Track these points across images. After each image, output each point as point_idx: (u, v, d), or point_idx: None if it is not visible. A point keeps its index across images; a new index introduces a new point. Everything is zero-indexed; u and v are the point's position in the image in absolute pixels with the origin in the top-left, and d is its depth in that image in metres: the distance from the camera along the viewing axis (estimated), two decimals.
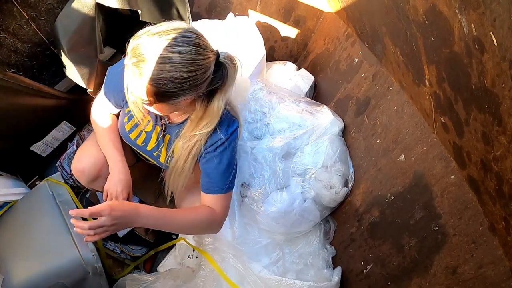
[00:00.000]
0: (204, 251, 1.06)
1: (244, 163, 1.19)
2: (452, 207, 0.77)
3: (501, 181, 0.60)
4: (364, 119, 1.13)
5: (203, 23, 1.36)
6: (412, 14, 0.73)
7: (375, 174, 1.04)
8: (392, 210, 0.95)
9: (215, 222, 0.89)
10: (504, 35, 0.48)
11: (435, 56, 0.70)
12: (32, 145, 1.22)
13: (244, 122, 1.26)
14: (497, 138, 0.57)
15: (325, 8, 1.51)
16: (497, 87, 0.53)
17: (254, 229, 1.18)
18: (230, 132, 0.85)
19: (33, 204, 1.05)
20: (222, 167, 0.86)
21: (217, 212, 0.88)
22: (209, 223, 0.88)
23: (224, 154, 0.85)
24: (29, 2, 1.02)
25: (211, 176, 0.87)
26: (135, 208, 0.76)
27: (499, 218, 0.64)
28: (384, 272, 0.96)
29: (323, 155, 1.13)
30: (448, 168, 0.79)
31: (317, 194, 1.13)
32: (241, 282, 0.98)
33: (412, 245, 0.87)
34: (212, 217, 0.87)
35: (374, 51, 1.12)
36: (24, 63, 1.10)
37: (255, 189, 1.14)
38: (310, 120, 1.19)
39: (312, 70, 1.55)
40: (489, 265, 0.68)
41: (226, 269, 1.00)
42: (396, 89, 1.00)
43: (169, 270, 1.13)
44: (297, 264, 1.14)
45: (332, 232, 1.22)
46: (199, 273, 1.03)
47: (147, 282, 1.05)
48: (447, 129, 0.75)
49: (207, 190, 0.88)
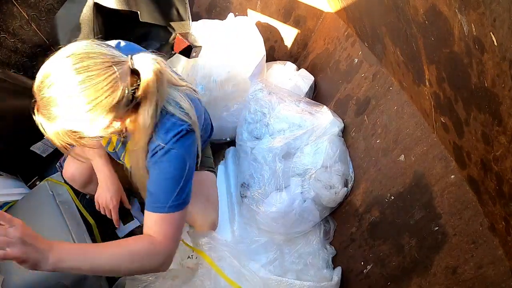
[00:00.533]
0: (200, 250, 1.06)
1: (244, 163, 1.19)
2: (452, 207, 0.77)
3: (501, 181, 0.60)
4: (364, 119, 1.13)
5: (203, 23, 1.36)
6: (412, 14, 0.73)
7: (375, 174, 1.04)
8: (392, 210, 0.95)
9: (156, 254, 0.69)
10: (504, 35, 0.48)
11: (435, 56, 0.70)
12: (32, 145, 1.22)
13: (244, 122, 1.26)
14: (497, 138, 0.57)
15: (325, 8, 1.51)
16: (497, 87, 0.53)
17: (254, 229, 1.18)
18: (171, 136, 0.70)
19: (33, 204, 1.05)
20: (162, 177, 0.70)
21: (158, 240, 0.69)
22: (147, 255, 0.68)
23: (164, 162, 0.70)
24: (29, 2, 1.02)
25: (150, 190, 0.72)
26: (49, 245, 0.61)
27: (499, 218, 0.64)
28: (384, 272, 0.96)
29: (323, 155, 1.13)
30: (448, 168, 0.79)
31: (316, 194, 1.13)
32: (238, 279, 0.98)
33: (412, 245, 0.87)
34: (150, 247, 0.69)
35: (374, 51, 1.12)
36: (24, 63, 1.10)
37: (255, 189, 1.14)
38: (310, 120, 1.19)
39: (312, 70, 1.55)
40: (489, 265, 0.68)
41: (223, 267, 1.00)
42: (396, 89, 0.99)
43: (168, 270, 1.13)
44: (297, 264, 1.14)
45: (332, 232, 1.22)
46: (197, 273, 1.03)
47: (146, 282, 1.05)
48: (447, 129, 0.75)
49: (147, 207, 0.72)
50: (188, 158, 0.72)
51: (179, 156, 0.70)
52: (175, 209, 0.71)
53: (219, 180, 1.32)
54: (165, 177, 0.70)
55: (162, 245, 0.70)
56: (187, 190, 0.73)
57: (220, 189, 1.30)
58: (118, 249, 0.68)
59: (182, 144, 0.71)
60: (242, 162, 1.21)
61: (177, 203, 0.71)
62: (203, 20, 1.39)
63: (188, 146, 0.72)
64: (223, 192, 1.30)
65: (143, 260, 0.69)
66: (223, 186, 1.31)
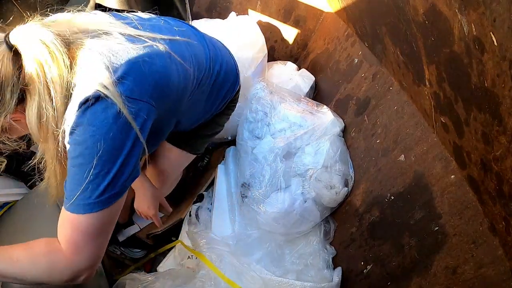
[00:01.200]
0: (199, 252, 1.06)
1: (245, 163, 1.19)
2: (452, 207, 0.77)
3: (501, 181, 0.60)
4: (364, 119, 1.13)
5: (205, 22, 1.36)
6: (412, 14, 0.73)
7: (375, 174, 1.04)
8: (392, 210, 0.95)
9: (57, 263, 0.55)
10: (504, 35, 0.48)
11: (435, 56, 0.70)
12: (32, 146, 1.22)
13: (245, 121, 1.26)
14: (497, 138, 0.57)
15: (325, 8, 1.51)
16: (497, 87, 0.53)
17: (254, 230, 1.18)
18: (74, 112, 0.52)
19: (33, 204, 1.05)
20: (69, 165, 0.54)
21: (59, 246, 0.55)
22: (48, 263, 0.56)
23: (70, 145, 0.53)
24: (29, 2, 1.02)
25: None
26: None
27: (499, 218, 0.64)
28: (384, 272, 0.96)
29: (324, 155, 1.13)
30: (448, 168, 0.79)
31: (317, 194, 1.13)
32: (238, 278, 0.98)
33: (412, 245, 0.87)
34: (50, 253, 0.55)
35: (374, 51, 1.12)
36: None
37: (256, 190, 1.14)
38: (311, 120, 1.19)
39: (312, 70, 1.55)
40: (489, 265, 0.68)
41: (223, 267, 1.00)
42: (396, 89, 0.99)
43: (168, 270, 1.13)
44: (298, 265, 1.14)
45: (332, 233, 1.22)
46: (198, 273, 1.03)
47: (146, 282, 1.05)
48: (447, 129, 0.75)
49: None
50: (101, 137, 0.51)
51: (85, 135, 0.51)
52: (78, 209, 0.53)
53: (219, 180, 1.32)
54: (71, 164, 0.53)
55: (62, 255, 0.55)
56: (105, 187, 0.53)
57: (221, 189, 1.30)
58: (21, 252, 0.56)
59: (90, 118, 0.51)
60: (243, 162, 1.21)
61: (82, 203, 0.53)
62: (205, 19, 1.39)
63: (101, 120, 0.51)
64: (224, 192, 1.30)
65: (45, 269, 0.56)
66: (223, 186, 1.31)
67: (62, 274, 0.56)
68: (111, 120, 0.52)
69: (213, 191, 1.31)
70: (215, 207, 1.26)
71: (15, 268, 0.55)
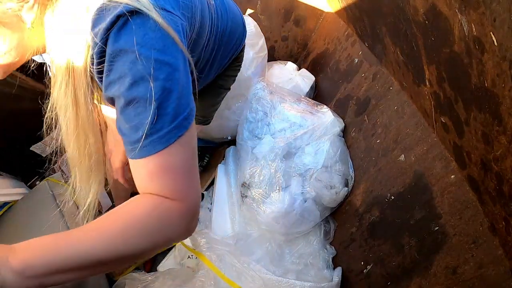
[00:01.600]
0: (199, 252, 1.06)
1: (245, 163, 1.19)
2: (452, 207, 0.77)
3: (501, 181, 0.60)
4: (364, 119, 1.13)
5: None
6: (412, 14, 0.73)
7: (375, 174, 1.04)
8: (392, 210, 0.95)
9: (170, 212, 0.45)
10: (504, 35, 0.48)
11: (435, 56, 0.70)
12: (32, 145, 1.22)
13: (245, 121, 1.26)
14: (497, 138, 0.57)
15: (325, 8, 1.51)
16: (497, 87, 0.53)
17: (254, 229, 1.18)
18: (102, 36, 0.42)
19: (33, 204, 1.05)
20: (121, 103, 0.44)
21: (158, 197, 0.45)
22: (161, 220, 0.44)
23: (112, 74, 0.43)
24: None
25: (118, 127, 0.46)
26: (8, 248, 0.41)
27: (499, 218, 0.64)
28: (384, 272, 0.96)
29: (324, 155, 1.13)
30: (448, 168, 0.79)
31: (317, 194, 1.13)
32: (238, 278, 0.98)
33: (412, 245, 0.87)
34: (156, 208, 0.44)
35: (374, 51, 1.12)
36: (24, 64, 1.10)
37: (256, 189, 1.14)
38: (311, 120, 1.19)
39: (312, 70, 1.56)
40: (489, 265, 0.68)
41: (223, 267, 1.00)
42: (396, 89, 0.99)
43: (168, 270, 1.13)
44: (298, 265, 1.14)
45: (332, 233, 1.22)
46: (198, 273, 1.03)
47: (146, 281, 1.05)
48: (447, 129, 0.75)
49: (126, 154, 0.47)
50: (149, 55, 0.41)
51: (127, 61, 0.41)
52: (155, 146, 0.43)
53: (219, 180, 1.32)
54: (123, 104, 0.43)
55: (170, 203, 0.44)
56: (174, 109, 0.44)
57: (221, 188, 1.30)
58: (113, 226, 0.43)
59: (126, 39, 0.41)
60: (243, 161, 1.21)
61: (157, 137, 0.43)
62: None
63: (141, 36, 0.42)
64: (224, 191, 1.30)
65: (159, 229, 0.44)
66: (223, 185, 1.31)
67: (179, 226, 0.46)
68: (153, 34, 0.42)
69: (213, 191, 1.31)
70: (215, 206, 1.26)
71: (118, 245, 0.42)
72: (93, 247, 0.42)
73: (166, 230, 0.45)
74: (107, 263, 0.43)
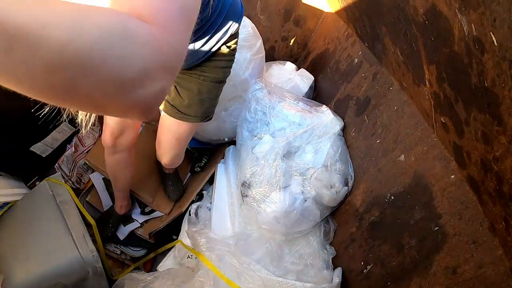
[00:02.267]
0: (199, 252, 1.06)
1: (245, 163, 1.19)
2: (452, 207, 0.77)
3: (501, 181, 0.60)
4: (364, 119, 1.13)
5: None
6: (412, 14, 0.73)
7: (375, 174, 1.04)
8: (392, 210, 0.95)
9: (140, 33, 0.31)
10: (504, 35, 0.48)
11: (435, 56, 0.70)
12: (32, 146, 1.22)
13: (244, 121, 1.26)
14: (497, 138, 0.57)
15: (325, 8, 1.51)
16: (497, 87, 0.53)
17: (255, 229, 1.18)
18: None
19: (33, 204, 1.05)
20: None
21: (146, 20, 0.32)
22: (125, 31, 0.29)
23: None
24: None
25: None
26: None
27: (499, 218, 0.64)
28: (384, 272, 0.96)
29: (324, 155, 1.13)
30: (448, 168, 0.79)
31: (317, 194, 1.13)
32: (237, 278, 0.98)
33: (412, 245, 0.87)
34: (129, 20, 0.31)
35: (374, 51, 1.12)
36: None
37: (256, 189, 1.14)
38: (310, 119, 1.20)
39: (312, 70, 1.56)
40: (489, 265, 0.68)
41: (222, 267, 1.00)
42: (396, 89, 0.99)
43: (167, 270, 1.13)
44: (297, 265, 1.14)
45: (332, 233, 1.22)
46: (197, 273, 1.03)
47: (145, 281, 1.05)
48: (447, 129, 0.75)
49: None
50: None
51: None
52: None
53: (219, 179, 1.32)
54: None
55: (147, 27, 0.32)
56: None
57: (221, 188, 1.30)
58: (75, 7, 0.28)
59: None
60: (243, 161, 1.21)
61: None
62: None
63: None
64: (223, 191, 1.30)
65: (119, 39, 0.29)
66: (223, 185, 1.31)
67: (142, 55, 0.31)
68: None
69: (213, 190, 1.31)
70: (215, 206, 1.26)
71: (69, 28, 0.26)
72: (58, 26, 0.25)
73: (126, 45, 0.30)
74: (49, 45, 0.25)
